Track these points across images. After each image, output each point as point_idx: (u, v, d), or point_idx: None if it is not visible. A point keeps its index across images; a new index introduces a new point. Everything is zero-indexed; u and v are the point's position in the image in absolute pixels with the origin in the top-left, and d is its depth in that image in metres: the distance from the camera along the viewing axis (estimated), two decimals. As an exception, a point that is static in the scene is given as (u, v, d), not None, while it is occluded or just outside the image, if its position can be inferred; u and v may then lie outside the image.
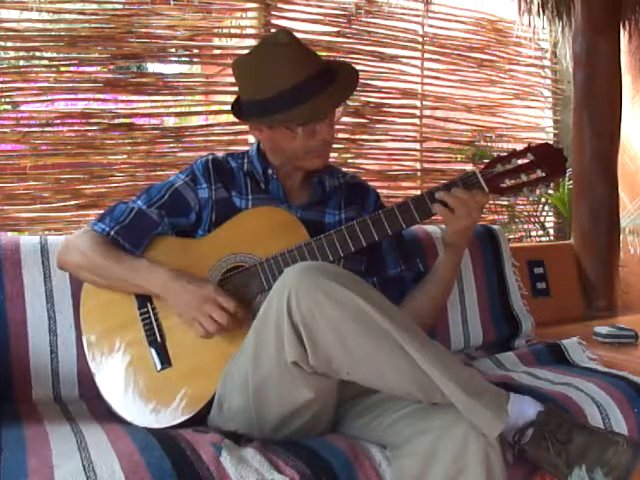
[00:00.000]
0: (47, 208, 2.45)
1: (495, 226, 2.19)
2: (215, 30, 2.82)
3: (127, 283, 1.35)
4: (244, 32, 2.87)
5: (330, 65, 1.44)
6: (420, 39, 3.28)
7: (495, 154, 1.48)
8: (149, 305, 1.36)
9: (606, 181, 2.63)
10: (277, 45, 1.37)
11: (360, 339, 1.08)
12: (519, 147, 1.39)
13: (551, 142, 3.49)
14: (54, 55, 2.46)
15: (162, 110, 2.73)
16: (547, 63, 3.71)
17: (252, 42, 2.78)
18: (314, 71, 1.36)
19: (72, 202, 2.48)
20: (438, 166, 3.38)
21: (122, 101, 2.62)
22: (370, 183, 1.67)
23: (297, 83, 1.33)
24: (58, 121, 2.45)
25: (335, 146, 1.45)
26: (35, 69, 2.44)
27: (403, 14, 3.19)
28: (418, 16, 3.23)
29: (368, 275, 1.48)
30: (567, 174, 3.00)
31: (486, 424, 1.06)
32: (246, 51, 1.47)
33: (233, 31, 2.90)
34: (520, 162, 1.36)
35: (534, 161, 1.35)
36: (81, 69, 2.55)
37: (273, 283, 1.18)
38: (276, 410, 1.17)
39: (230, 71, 2.80)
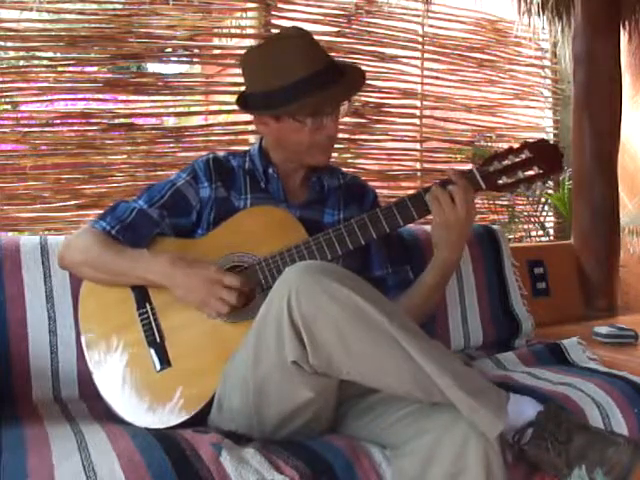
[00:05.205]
0: (47, 208, 2.45)
1: (495, 226, 2.18)
2: (215, 30, 2.82)
3: (128, 275, 1.34)
4: (244, 32, 2.87)
5: (337, 63, 1.45)
6: (420, 39, 3.28)
7: (495, 154, 1.49)
8: (148, 305, 1.36)
9: (606, 181, 2.63)
10: (289, 38, 1.39)
11: (360, 339, 1.08)
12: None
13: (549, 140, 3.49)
14: (54, 55, 2.46)
15: (162, 110, 2.73)
16: (547, 63, 3.71)
17: (252, 42, 2.78)
18: (325, 65, 1.38)
19: (72, 202, 2.47)
20: (438, 166, 3.38)
21: (122, 101, 2.62)
22: (370, 183, 1.68)
23: (309, 74, 1.34)
24: (58, 121, 2.45)
25: (335, 146, 1.46)
26: (35, 69, 2.44)
27: (403, 14, 3.19)
28: (418, 16, 3.23)
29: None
30: (567, 174, 3.02)
31: (486, 424, 1.06)
32: (247, 50, 1.48)
33: (233, 31, 2.90)
34: (517, 159, 1.36)
35: (531, 158, 1.36)
36: (81, 69, 2.55)
37: (272, 283, 1.18)
38: (276, 410, 1.17)
39: (230, 71, 2.83)
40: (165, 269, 1.32)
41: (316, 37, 1.42)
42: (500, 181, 1.37)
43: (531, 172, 1.36)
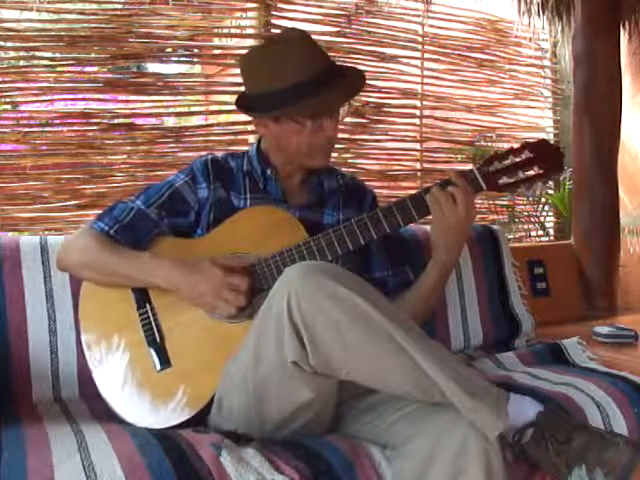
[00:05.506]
0: (47, 208, 2.45)
1: (495, 226, 2.18)
2: (215, 30, 2.82)
3: (130, 278, 1.34)
4: (244, 32, 2.87)
5: (337, 65, 1.45)
6: (420, 39, 3.28)
7: (495, 154, 1.49)
8: (148, 306, 1.36)
9: (606, 181, 2.63)
10: (289, 39, 1.38)
11: (360, 339, 1.08)
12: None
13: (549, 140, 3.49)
14: (54, 55, 2.46)
15: (162, 110, 2.73)
16: (547, 63, 3.71)
17: (252, 42, 2.78)
18: (325, 67, 1.38)
19: (72, 202, 2.47)
20: (438, 166, 3.38)
21: (122, 101, 2.62)
22: (370, 183, 1.68)
23: (309, 76, 1.34)
24: (58, 121, 2.45)
25: (335, 146, 1.46)
26: (35, 69, 2.44)
27: (403, 14, 3.19)
28: (418, 16, 3.23)
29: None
30: (567, 174, 3.02)
31: (486, 424, 1.06)
32: (246, 51, 1.48)
33: (233, 31, 2.90)
34: (517, 159, 1.37)
35: (531, 158, 1.36)
36: (81, 69, 2.55)
37: (272, 283, 1.18)
38: (276, 410, 1.17)
39: (230, 71, 2.83)
40: (168, 274, 1.31)
41: (316, 37, 1.42)
42: (501, 181, 1.37)
43: (531, 172, 1.36)
